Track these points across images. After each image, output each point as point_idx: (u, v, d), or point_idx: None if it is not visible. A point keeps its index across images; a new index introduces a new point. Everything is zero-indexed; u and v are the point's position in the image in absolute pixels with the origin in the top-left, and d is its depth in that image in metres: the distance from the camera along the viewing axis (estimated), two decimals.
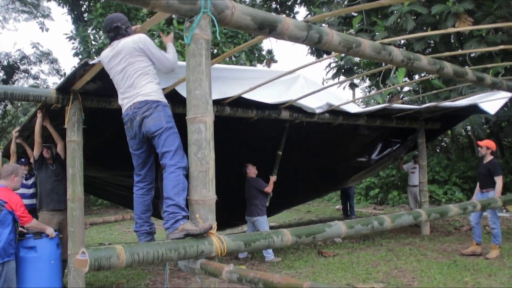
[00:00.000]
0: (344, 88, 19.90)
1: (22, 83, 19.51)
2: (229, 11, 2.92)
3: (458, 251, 7.06)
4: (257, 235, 2.94)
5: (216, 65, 5.11)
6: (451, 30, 7.57)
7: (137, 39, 3.23)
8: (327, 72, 15.59)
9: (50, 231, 4.87)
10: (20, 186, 4.73)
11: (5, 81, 17.37)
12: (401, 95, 13.03)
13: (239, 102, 5.90)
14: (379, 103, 9.17)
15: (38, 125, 5.49)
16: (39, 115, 5.38)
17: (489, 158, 6.90)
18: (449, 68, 4.93)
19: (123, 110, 3.26)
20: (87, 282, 6.02)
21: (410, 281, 5.54)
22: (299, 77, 6.41)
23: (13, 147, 6.10)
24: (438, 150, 17.76)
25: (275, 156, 7.33)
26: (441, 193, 13.50)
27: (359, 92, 21.69)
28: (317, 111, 6.79)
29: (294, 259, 7.15)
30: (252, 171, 7.38)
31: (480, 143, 7.08)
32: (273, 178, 7.27)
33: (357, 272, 6.04)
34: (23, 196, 6.30)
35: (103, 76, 4.00)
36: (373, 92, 15.65)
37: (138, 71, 3.18)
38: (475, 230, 6.86)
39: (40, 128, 5.52)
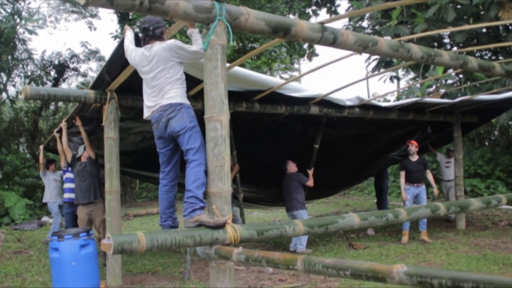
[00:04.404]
0: (384, 81, 19.71)
1: (72, 81, 20.47)
2: (244, 17, 3.15)
3: (492, 245, 7.03)
4: (270, 224, 3.17)
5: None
6: (490, 24, 7.44)
7: (168, 48, 3.43)
8: (367, 65, 15.49)
9: None
10: None
11: (56, 79, 18.23)
12: (441, 89, 12.83)
13: (268, 98, 6.11)
14: (417, 97, 9.13)
15: (65, 136, 6.31)
16: (64, 127, 6.23)
17: (417, 156, 7.78)
18: (473, 62, 4.95)
19: (149, 112, 3.56)
20: (127, 270, 6.45)
21: None
22: None
23: (59, 147, 6.63)
24: (486, 143, 17.23)
25: (309, 150, 7.52)
26: (484, 187, 13.22)
27: (403, 85, 21.37)
28: (347, 103, 6.88)
29: (325, 251, 7.32)
30: (292, 167, 7.56)
31: (413, 142, 7.88)
32: (311, 172, 7.47)
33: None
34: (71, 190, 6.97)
35: (136, 76, 4.32)
36: (412, 84, 15.41)
37: (166, 79, 3.44)
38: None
39: (67, 138, 6.36)
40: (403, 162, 7.95)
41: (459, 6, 11.86)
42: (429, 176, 8.00)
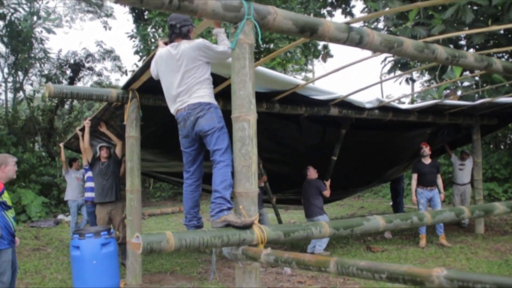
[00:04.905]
0: (400, 83, 19.57)
1: (87, 80, 20.63)
2: (271, 16, 3.13)
3: None
4: (296, 226, 3.15)
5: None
6: (509, 25, 7.34)
7: (196, 47, 3.40)
8: (383, 67, 15.39)
9: None
10: (13, 175, 4.31)
11: (72, 78, 18.39)
12: (459, 91, 12.67)
13: (288, 99, 6.08)
14: (434, 99, 9.01)
15: (87, 134, 6.22)
16: (87, 126, 6.15)
17: (430, 159, 7.77)
18: (498, 64, 4.88)
19: (174, 111, 3.53)
20: (145, 269, 6.45)
21: None
22: None
23: (82, 145, 6.60)
24: (502, 147, 17.01)
25: (326, 160, 7.51)
26: (501, 191, 13.04)
27: (418, 87, 21.20)
28: (367, 105, 6.83)
29: (342, 253, 7.28)
30: (312, 173, 7.54)
31: (427, 144, 7.85)
32: (328, 183, 7.45)
33: None
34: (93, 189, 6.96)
35: None
36: (431, 86, 15.27)
37: (195, 79, 3.40)
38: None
39: (89, 137, 6.26)
40: (416, 165, 7.90)
41: (477, 7, 11.73)
42: (439, 180, 7.86)
